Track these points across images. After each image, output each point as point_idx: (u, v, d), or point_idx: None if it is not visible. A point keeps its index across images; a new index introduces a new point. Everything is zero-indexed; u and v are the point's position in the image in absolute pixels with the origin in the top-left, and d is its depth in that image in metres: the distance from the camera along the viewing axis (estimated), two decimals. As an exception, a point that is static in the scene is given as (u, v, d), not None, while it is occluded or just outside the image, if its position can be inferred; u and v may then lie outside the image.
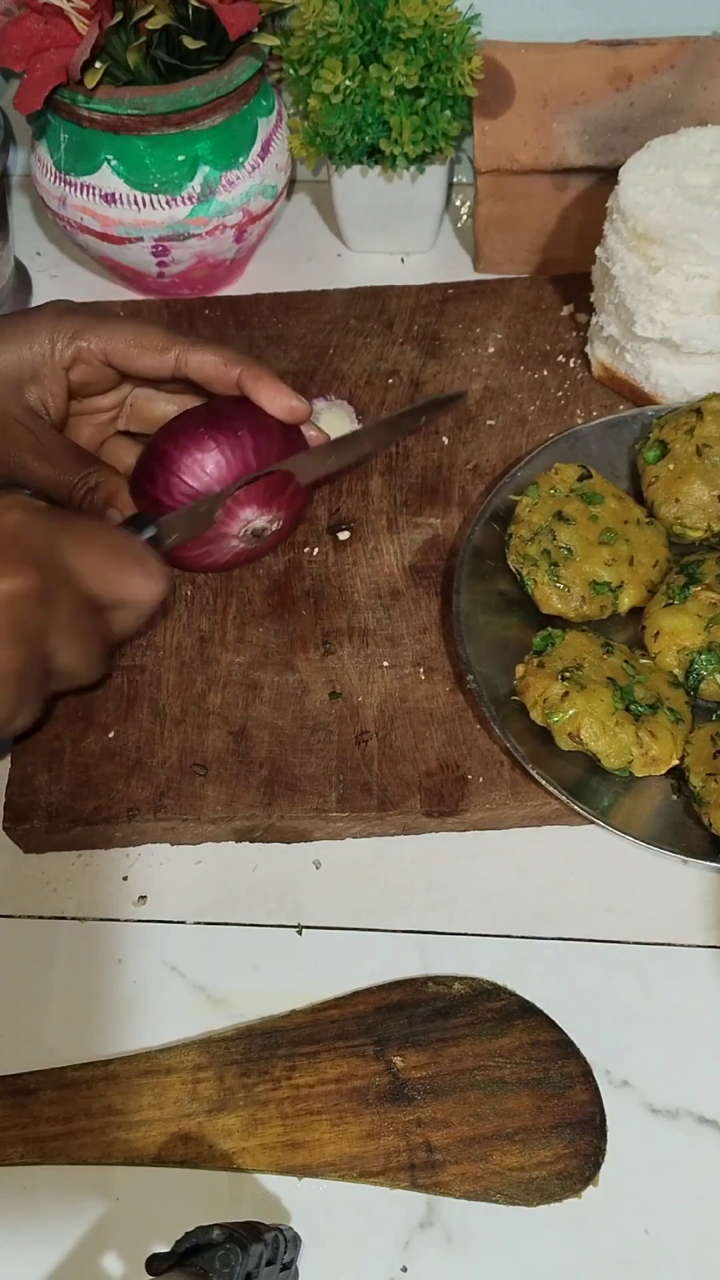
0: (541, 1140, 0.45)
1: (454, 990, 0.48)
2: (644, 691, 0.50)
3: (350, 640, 0.56)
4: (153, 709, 0.55)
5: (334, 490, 0.62)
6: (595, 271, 0.63)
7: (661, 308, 0.56)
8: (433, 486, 0.61)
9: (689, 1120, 0.45)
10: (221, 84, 0.62)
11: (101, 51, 0.61)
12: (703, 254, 0.55)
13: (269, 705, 0.55)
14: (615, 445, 0.60)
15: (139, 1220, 0.44)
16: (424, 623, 0.57)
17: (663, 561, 0.56)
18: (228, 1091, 0.46)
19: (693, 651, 0.52)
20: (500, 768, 0.52)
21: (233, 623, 0.57)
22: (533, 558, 0.54)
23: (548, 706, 0.49)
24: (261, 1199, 0.44)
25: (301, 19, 0.63)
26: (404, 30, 0.62)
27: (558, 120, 0.66)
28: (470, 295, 0.70)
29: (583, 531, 0.55)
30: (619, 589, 0.54)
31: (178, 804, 0.52)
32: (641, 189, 0.58)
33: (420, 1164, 0.44)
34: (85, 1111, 0.46)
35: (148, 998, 0.49)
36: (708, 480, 0.55)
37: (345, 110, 0.65)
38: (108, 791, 0.52)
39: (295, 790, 0.52)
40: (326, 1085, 0.46)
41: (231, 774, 0.53)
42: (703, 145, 0.59)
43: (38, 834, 0.52)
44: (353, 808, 0.51)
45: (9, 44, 0.60)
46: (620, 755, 0.49)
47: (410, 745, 0.53)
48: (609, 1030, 0.47)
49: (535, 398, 0.65)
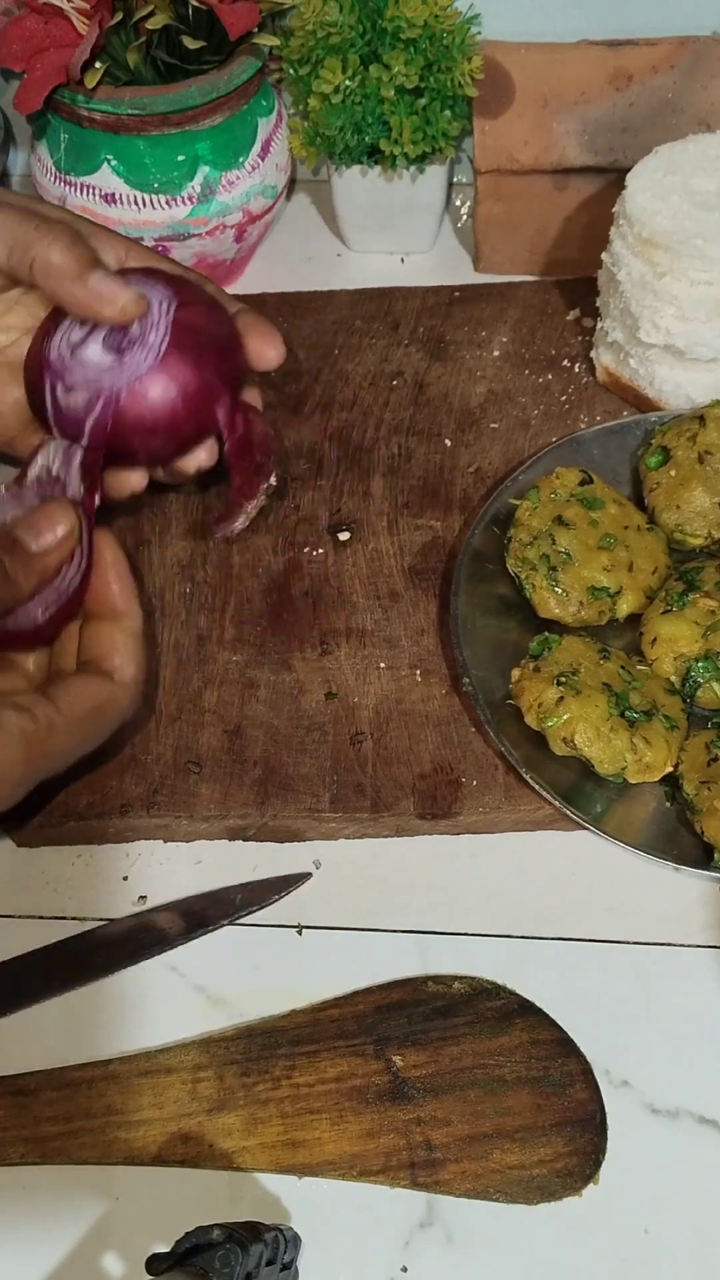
0: (542, 1138, 0.45)
1: (454, 989, 0.48)
2: (639, 698, 0.50)
3: (348, 641, 0.57)
4: (148, 706, 0.55)
5: (335, 490, 0.62)
6: (601, 276, 0.63)
7: (666, 314, 0.57)
8: (434, 488, 0.61)
9: (689, 1120, 0.45)
10: (221, 84, 0.62)
11: (101, 51, 0.61)
12: (708, 260, 0.55)
13: (265, 704, 0.55)
14: (617, 451, 0.60)
15: (139, 1220, 0.44)
16: (422, 625, 0.57)
17: (662, 568, 0.56)
18: (228, 1091, 0.46)
19: (690, 659, 0.52)
20: (494, 772, 0.52)
21: (230, 621, 0.57)
22: (532, 562, 0.54)
23: (543, 711, 0.49)
24: (261, 1199, 0.45)
25: (301, 19, 0.63)
26: (404, 30, 0.62)
27: (558, 120, 0.66)
28: (476, 298, 0.70)
29: (582, 536, 0.55)
30: (618, 594, 0.54)
31: (171, 801, 0.52)
32: (648, 194, 0.58)
33: (420, 1162, 0.45)
34: (85, 1111, 0.46)
35: (148, 998, 0.49)
36: (709, 487, 0.55)
37: (345, 110, 0.65)
38: (101, 787, 0.52)
39: (289, 790, 0.52)
40: (326, 1084, 0.46)
41: (225, 772, 0.53)
42: (710, 151, 0.59)
43: (31, 829, 0.52)
44: (346, 809, 0.52)
45: (9, 44, 0.60)
46: (614, 761, 0.49)
47: (405, 747, 0.53)
48: (609, 1030, 0.47)
49: (539, 402, 0.65)
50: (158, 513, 0.61)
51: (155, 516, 0.61)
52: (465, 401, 0.65)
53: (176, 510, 0.61)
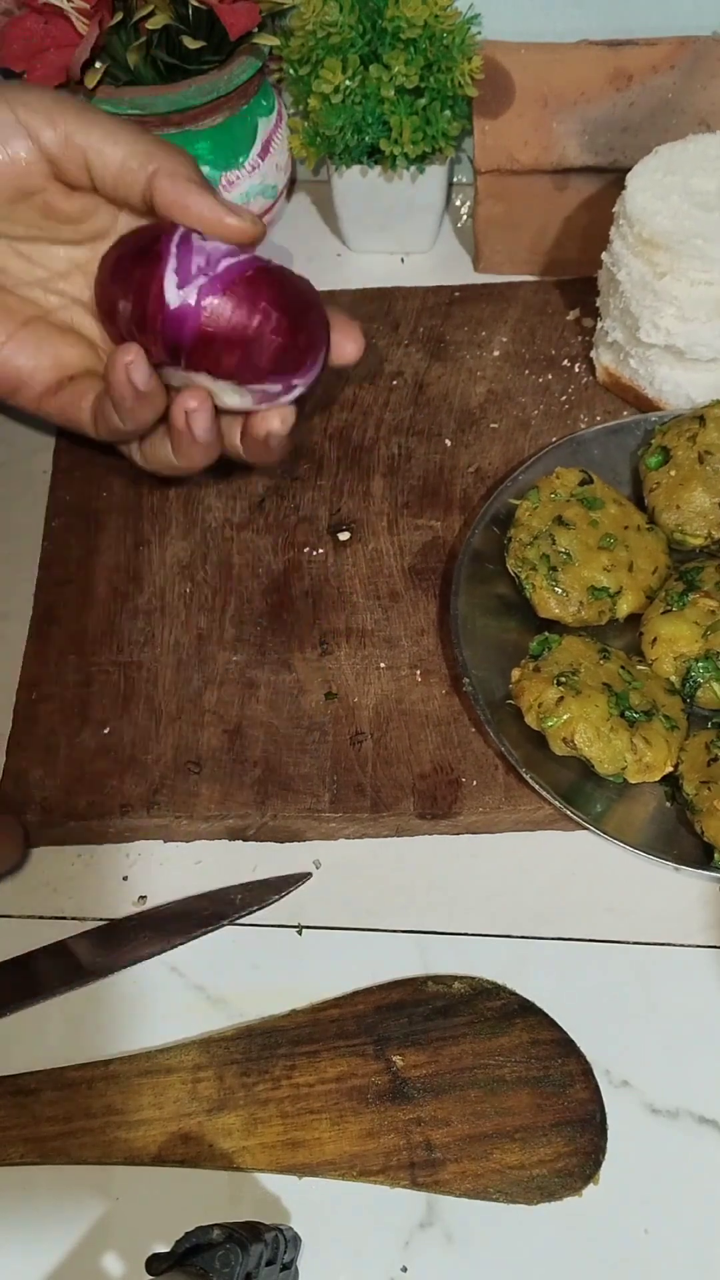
0: (542, 1138, 0.45)
1: (454, 989, 0.48)
2: (640, 698, 0.50)
3: (348, 641, 0.57)
4: (149, 706, 0.55)
5: (335, 490, 0.62)
6: (601, 277, 0.63)
7: (666, 314, 0.57)
8: (434, 489, 0.61)
9: (689, 1120, 0.45)
10: (221, 84, 0.62)
11: (101, 51, 0.61)
12: (708, 260, 0.55)
13: (265, 704, 0.55)
14: (617, 451, 0.60)
15: (139, 1220, 0.44)
16: (422, 625, 0.57)
17: (662, 568, 0.56)
18: (228, 1091, 0.46)
19: (690, 659, 0.52)
20: (494, 772, 0.52)
21: (231, 621, 0.57)
22: (532, 562, 0.54)
23: (543, 711, 0.49)
24: (261, 1199, 0.45)
25: (301, 19, 0.63)
26: (404, 30, 0.62)
27: (558, 120, 0.66)
28: (477, 298, 0.70)
29: (582, 536, 0.55)
30: (618, 595, 0.54)
31: (171, 801, 0.52)
32: (649, 194, 0.58)
33: (420, 1162, 0.45)
34: (85, 1111, 0.46)
35: (148, 998, 0.49)
36: (709, 487, 0.55)
37: (345, 110, 0.65)
38: (101, 787, 0.52)
39: (289, 790, 0.52)
40: (326, 1084, 0.46)
41: (225, 772, 0.53)
42: (710, 151, 0.59)
43: (31, 828, 0.52)
44: (346, 808, 0.52)
45: (9, 44, 0.60)
46: (614, 761, 0.49)
47: (405, 747, 0.53)
48: (609, 1030, 0.47)
49: (539, 402, 0.65)
50: (158, 513, 0.61)
51: (155, 516, 0.61)
52: (465, 401, 0.65)
53: (176, 510, 0.62)
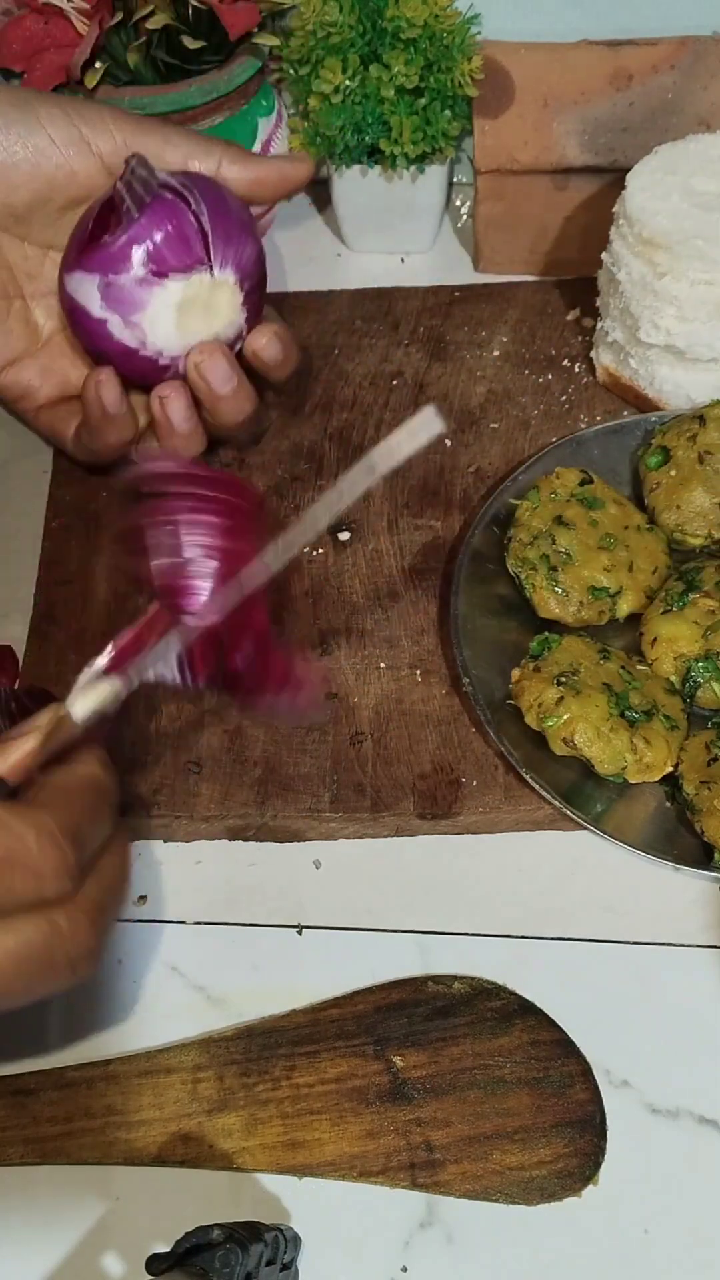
0: (541, 1139, 0.45)
1: (454, 989, 0.48)
2: (639, 698, 0.50)
3: (348, 641, 0.57)
4: (148, 706, 0.55)
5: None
6: (601, 277, 0.63)
7: (666, 314, 0.57)
8: (434, 489, 0.61)
9: (689, 1120, 0.45)
10: (221, 84, 0.62)
11: (101, 51, 0.61)
12: (708, 260, 0.55)
13: (266, 705, 0.55)
14: (617, 451, 0.60)
15: (139, 1220, 0.44)
16: (422, 625, 0.57)
17: (662, 568, 0.56)
18: (228, 1091, 0.46)
19: (690, 659, 0.52)
20: (494, 771, 0.52)
21: (232, 622, 0.57)
22: (532, 562, 0.54)
23: (543, 711, 0.49)
24: (261, 1199, 0.45)
25: (301, 19, 0.63)
26: (404, 30, 0.62)
27: (558, 120, 0.66)
28: (476, 298, 0.70)
29: (582, 536, 0.55)
30: (618, 594, 0.54)
31: (171, 801, 0.52)
32: (648, 194, 0.58)
33: (420, 1163, 0.45)
34: (85, 1111, 0.46)
35: (148, 998, 0.49)
36: (709, 487, 0.55)
37: (345, 110, 0.65)
38: None
39: (289, 790, 0.52)
40: (326, 1085, 0.46)
41: (225, 772, 0.53)
42: (711, 151, 0.59)
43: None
44: (346, 808, 0.52)
45: (9, 44, 0.60)
46: (614, 761, 0.49)
47: (405, 747, 0.53)
48: (609, 1030, 0.47)
49: (539, 402, 0.65)
50: (158, 513, 0.61)
51: (155, 516, 0.61)
52: (465, 401, 0.65)
53: (176, 510, 0.61)
